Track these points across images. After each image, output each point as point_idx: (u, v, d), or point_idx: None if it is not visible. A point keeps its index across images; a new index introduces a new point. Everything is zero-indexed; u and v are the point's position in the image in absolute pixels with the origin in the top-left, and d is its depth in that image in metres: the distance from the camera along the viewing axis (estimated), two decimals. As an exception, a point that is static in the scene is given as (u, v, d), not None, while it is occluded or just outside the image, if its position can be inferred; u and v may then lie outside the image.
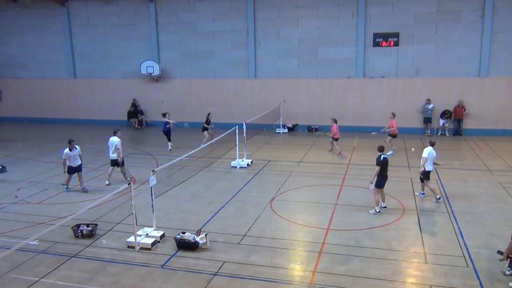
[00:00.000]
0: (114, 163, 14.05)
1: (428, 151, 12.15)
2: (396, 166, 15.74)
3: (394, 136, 17.63)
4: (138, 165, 16.40)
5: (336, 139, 17.38)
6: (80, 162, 13.48)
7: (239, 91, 24.56)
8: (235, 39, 24.04)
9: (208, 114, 19.89)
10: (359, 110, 22.79)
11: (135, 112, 25.58)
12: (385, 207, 11.58)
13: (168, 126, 18.76)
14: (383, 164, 11.20)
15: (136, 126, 25.41)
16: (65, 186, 13.57)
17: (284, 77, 23.78)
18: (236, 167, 16.04)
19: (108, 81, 26.57)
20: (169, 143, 18.98)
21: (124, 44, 25.92)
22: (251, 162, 16.59)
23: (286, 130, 23.36)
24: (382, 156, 11.30)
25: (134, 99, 25.87)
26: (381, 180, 11.31)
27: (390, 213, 11.35)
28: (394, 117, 17.77)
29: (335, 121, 17.55)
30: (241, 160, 16.39)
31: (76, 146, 13.46)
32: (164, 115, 18.98)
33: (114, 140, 13.96)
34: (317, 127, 23.43)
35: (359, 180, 13.96)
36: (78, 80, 27.17)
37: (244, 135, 16.61)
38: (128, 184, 9.28)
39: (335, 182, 14.09)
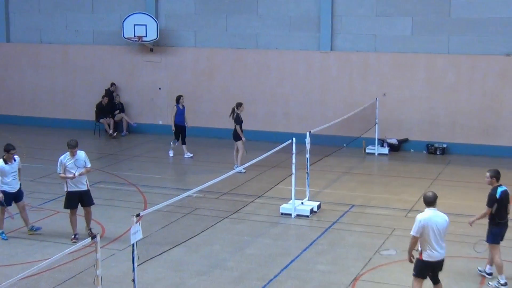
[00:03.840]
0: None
1: (420, 218, 10.40)
2: None
3: None
4: (112, 204, 16.66)
5: None
6: (19, 185, 14.34)
7: (300, 74, 24.58)
8: (297, -22, 24.26)
9: (237, 106, 20.33)
10: (528, 117, 22.33)
11: (110, 106, 26.06)
12: (505, 283, 11.51)
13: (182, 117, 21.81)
14: (499, 202, 11.43)
15: (111, 131, 25.82)
16: None
17: (385, 51, 23.65)
18: (291, 215, 16.07)
19: (67, 50, 27.29)
20: (184, 146, 21.79)
21: (96, -15, 26.70)
22: (319, 206, 16.60)
23: (386, 150, 23.22)
24: (499, 189, 11.52)
25: (112, 84, 26.38)
26: (497, 230, 11.57)
27: None
28: None
29: None
30: (300, 202, 16.41)
31: (16, 157, 14.23)
32: (178, 99, 22.16)
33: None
34: (445, 146, 23.00)
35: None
36: (13, 46, 28.09)
37: (307, 155, 16.65)
38: (93, 238, 9.36)
39: (472, 250, 13.64)
